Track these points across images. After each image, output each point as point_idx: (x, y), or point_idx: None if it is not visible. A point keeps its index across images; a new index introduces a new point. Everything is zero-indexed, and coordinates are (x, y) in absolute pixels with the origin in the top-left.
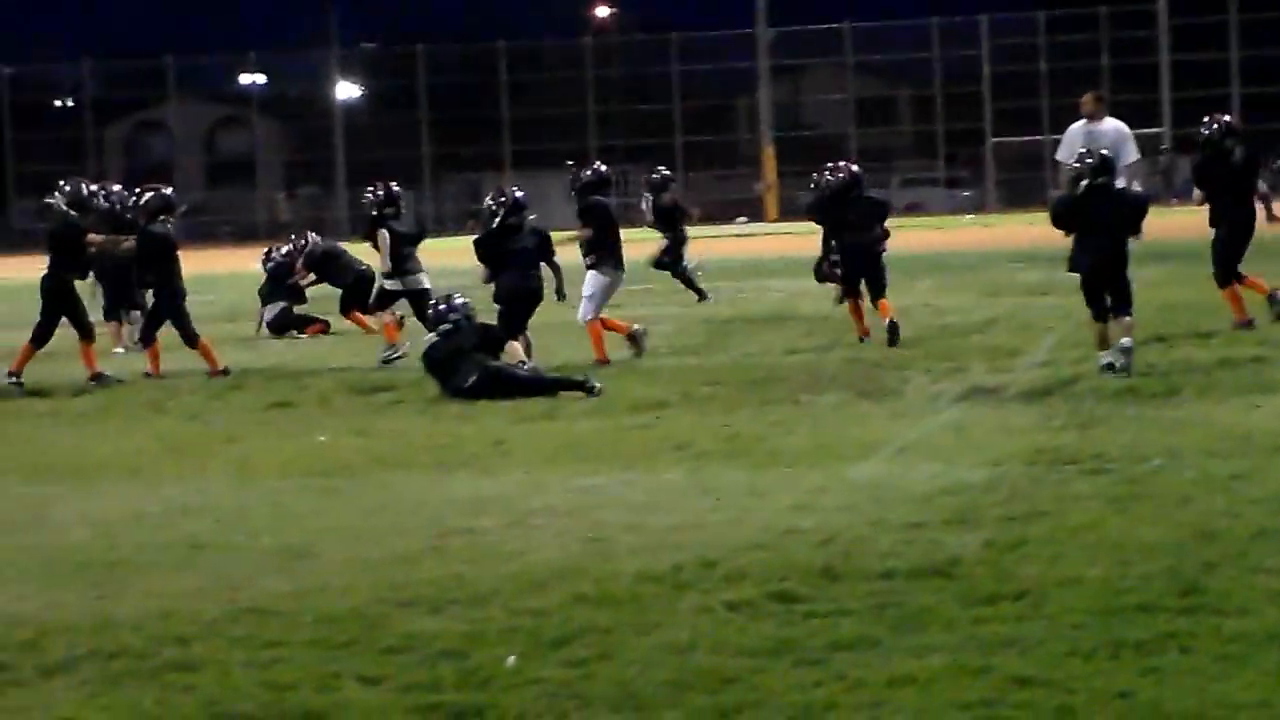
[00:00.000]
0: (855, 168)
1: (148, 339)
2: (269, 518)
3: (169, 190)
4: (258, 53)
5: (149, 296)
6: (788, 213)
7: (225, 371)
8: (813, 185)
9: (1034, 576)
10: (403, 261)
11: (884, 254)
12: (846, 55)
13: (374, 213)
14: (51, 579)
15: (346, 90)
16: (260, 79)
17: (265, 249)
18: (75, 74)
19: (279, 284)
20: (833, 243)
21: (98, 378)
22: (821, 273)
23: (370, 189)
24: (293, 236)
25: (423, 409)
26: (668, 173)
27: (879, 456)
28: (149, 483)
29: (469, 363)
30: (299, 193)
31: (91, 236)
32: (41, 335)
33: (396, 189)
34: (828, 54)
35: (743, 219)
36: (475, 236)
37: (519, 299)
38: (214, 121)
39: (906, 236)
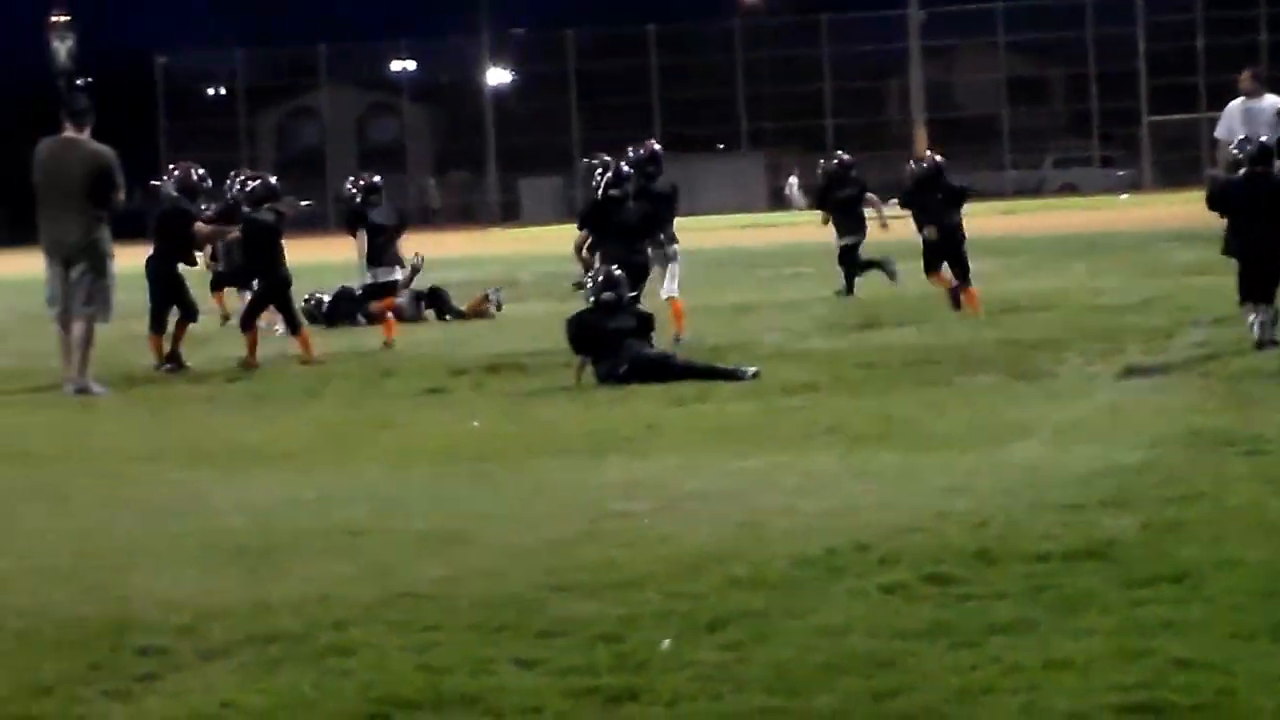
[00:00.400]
0: (939, 158)
1: (246, 325)
2: (424, 503)
3: (274, 178)
4: (409, 40)
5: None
6: None
7: (319, 362)
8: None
9: (1192, 558)
10: (379, 253)
11: (964, 238)
12: (998, 35)
13: (354, 205)
14: (208, 564)
15: (497, 76)
16: (411, 65)
17: None
18: (228, 62)
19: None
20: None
21: (173, 359)
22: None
23: (350, 181)
24: None
25: (575, 394)
26: (847, 158)
27: (1034, 438)
28: (304, 468)
29: (624, 347)
30: (449, 178)
31: (199, 225)
32: (158, 322)
33: (377, 180)
34: (979, 34)
35: (894, 201)
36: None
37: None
38: (365, 108)
39: (1060, 217)
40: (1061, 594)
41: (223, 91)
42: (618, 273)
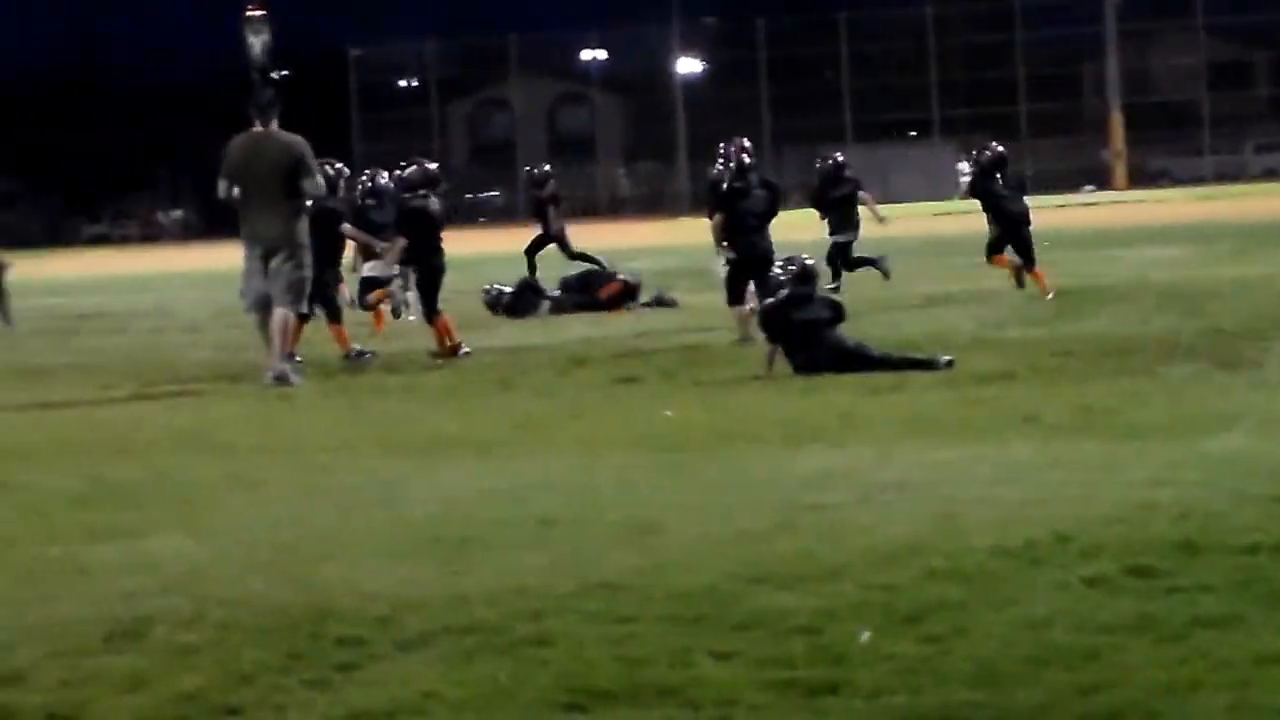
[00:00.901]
0: (1001, 148)
1: (430, 315)
2: (617, 493)
3: (433, 165)
4: (599, 29)
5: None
6: (1139, 180)
7: (454, 353)
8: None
9: None
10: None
11: (1030, 223)
12: (1197, 18)
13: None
14: (404, 554)
15: (687, 65)
16: (601, 55)
17: None
18: (420, 54)
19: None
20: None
21: (357, 355)
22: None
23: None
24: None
25: (767, 383)
26: (840, 157)
27: (1238, 429)
28: (498, 459)
29: (820, 337)
30: (638, 168)
31: (347, 228)
32: (332, 311)
33: (383, 180)
34: (1178, 16)
35: (1089, 187)
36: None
37: (745, 264)
38: (555, 98)
39: (1262, 203)
40: (1271, 587)
41: (415, 83)
42: (810, 263)
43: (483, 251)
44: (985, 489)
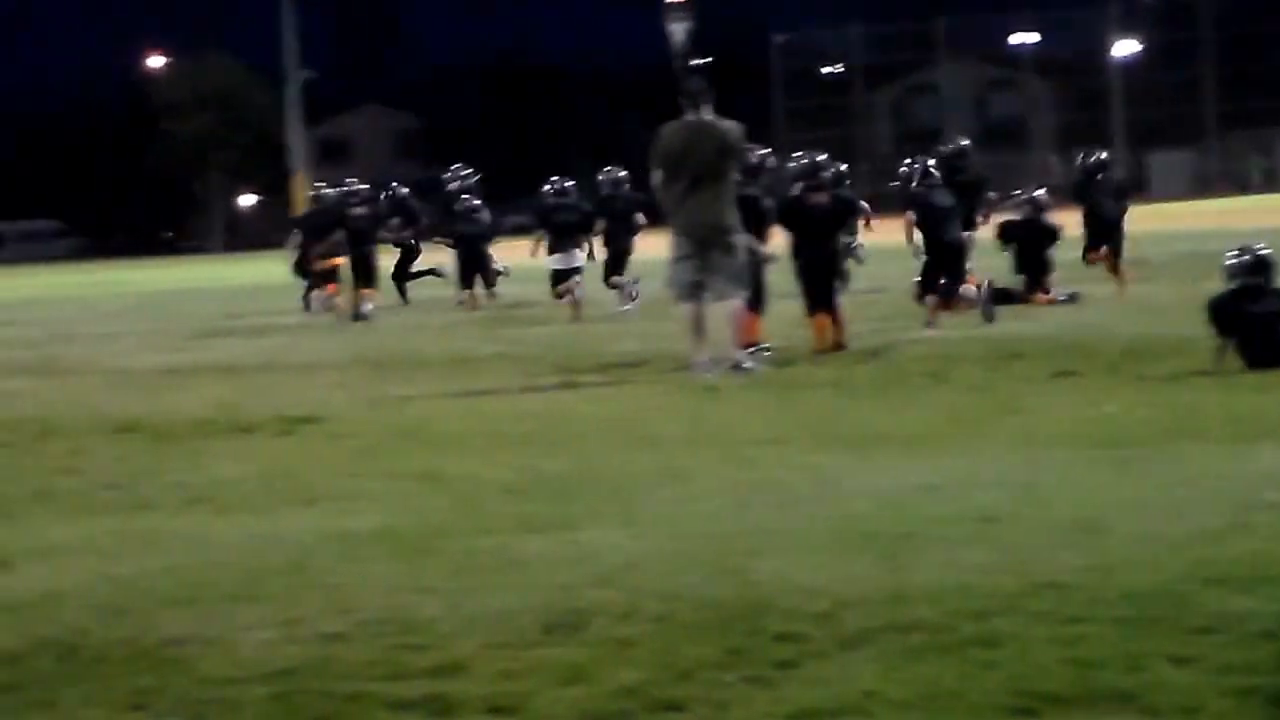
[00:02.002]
0: (1104, 154)
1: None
2: (1059, 489)
3: (821, 157)
4: (1031, 11)
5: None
6: None
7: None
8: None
9: None
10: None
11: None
12: None
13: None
14: (841, 550)
15: (1124, 47)
16: (1033, 38)
17: None
18: (844, 40)
19: None
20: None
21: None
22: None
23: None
24: None
25: (1216, 378)
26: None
27: None
28: (933, 453)
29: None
30: (1073, 154)
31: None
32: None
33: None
34: None
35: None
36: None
37: (938, 257)
38: (985, 83)
39: None
40: None
41: (839, 69)
42: (1266, 253)
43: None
44: None
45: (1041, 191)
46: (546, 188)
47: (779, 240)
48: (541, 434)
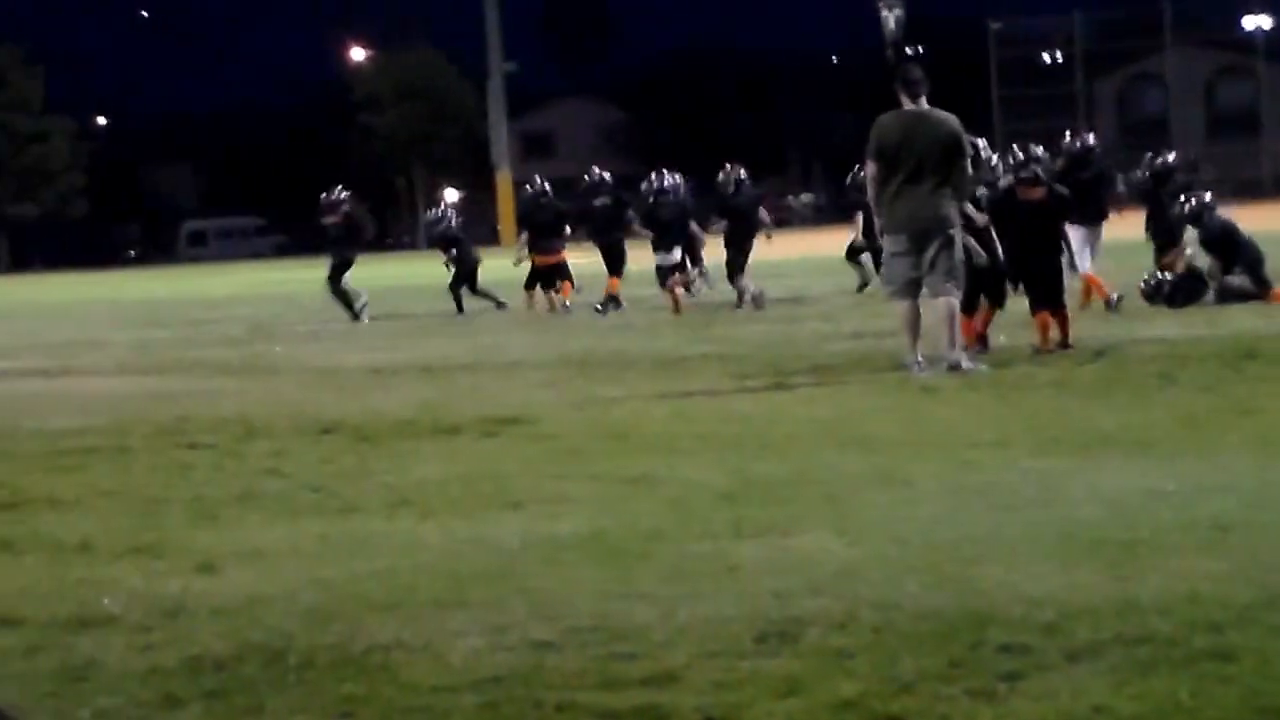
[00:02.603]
0: (1170, 156)
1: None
2: None
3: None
4: None
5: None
6: None
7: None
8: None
9: None
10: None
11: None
12: None
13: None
14: (1067, 558)
15: None
16: (1266, 22)
17: None
18: (1065, 26)
19: None
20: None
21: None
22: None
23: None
24: None
25: None
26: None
27: None
28: (1162, 457)
29: None
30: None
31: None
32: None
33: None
34: None
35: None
36: None
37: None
38: (1213, 71)
39: None
40: None
41: (1059, 57)
42: None
43: (1122, 238)
44: None
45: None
46: (646, 184)
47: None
48: (752, 436)
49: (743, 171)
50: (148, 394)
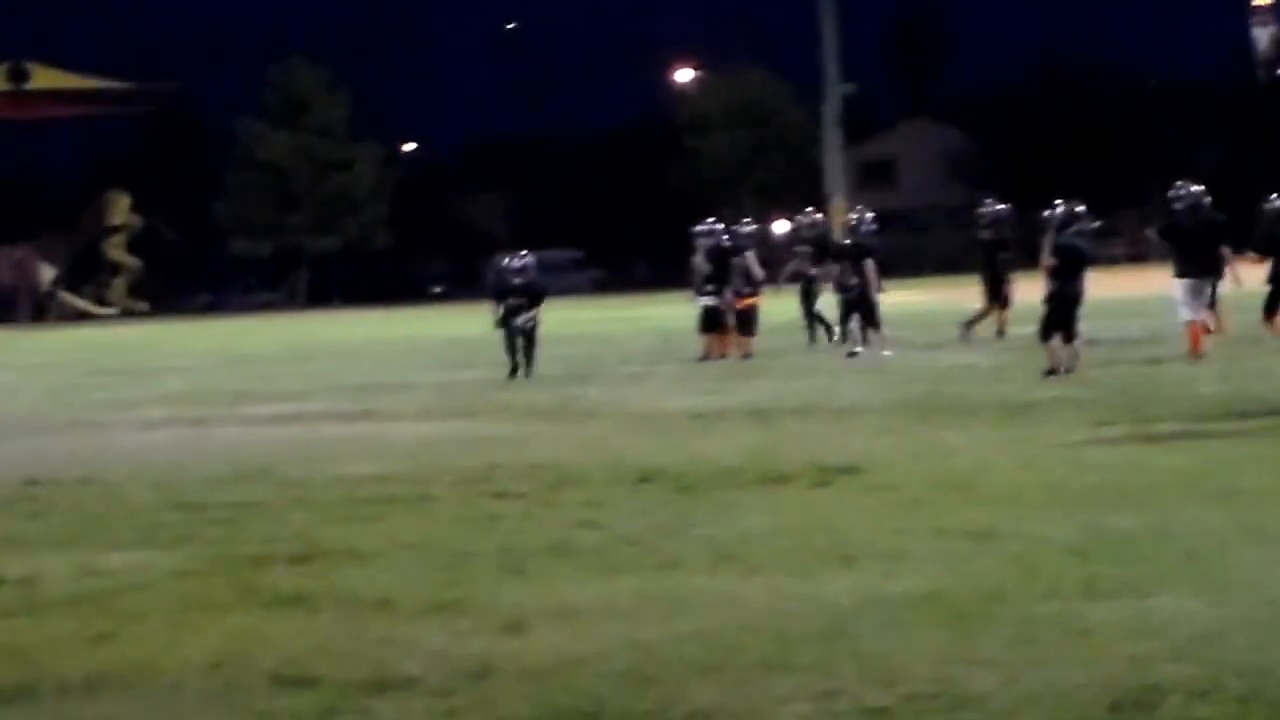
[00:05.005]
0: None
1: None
2: None
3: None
4: None
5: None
6: None
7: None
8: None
9: None
10: None
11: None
12: None
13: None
14: None
15: None
16: None
17: None
18: None
19: None
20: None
21: None
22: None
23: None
24: None
25: None
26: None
27: None
28: None
29: None
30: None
31: None
32: None
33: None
34: None
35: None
36: None
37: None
38: None
39: None
40: None
41: None
42: None
43: None
44: None
45: None
46: (699, 228)
47: None
48: (1107, 487)
49: (819, 215)
50: (453, 439)
